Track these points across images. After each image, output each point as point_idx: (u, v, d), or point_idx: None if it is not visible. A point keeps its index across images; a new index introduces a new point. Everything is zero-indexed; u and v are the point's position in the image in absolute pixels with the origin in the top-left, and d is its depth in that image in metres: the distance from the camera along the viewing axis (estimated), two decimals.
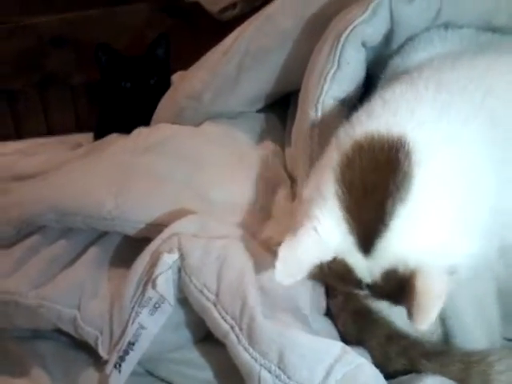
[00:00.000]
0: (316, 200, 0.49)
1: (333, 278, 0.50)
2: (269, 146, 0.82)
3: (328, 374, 0.50)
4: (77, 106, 1.43)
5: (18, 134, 1.41)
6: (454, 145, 0.49)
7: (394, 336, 0.58)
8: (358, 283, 0.49)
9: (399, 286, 0.47)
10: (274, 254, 0.54)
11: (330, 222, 0.48)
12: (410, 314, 0.45)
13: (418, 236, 0.46)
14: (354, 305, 0.60)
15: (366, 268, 0.48)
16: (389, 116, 0.50)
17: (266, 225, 0.69)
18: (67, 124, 1.42)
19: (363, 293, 0.51)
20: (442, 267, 0.45)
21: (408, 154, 0.46)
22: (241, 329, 0.54)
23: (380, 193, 0.46)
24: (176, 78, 1.12)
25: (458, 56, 0.59)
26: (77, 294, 0.66)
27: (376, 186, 0.46)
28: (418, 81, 0.54)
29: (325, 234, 0.48)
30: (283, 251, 0.48)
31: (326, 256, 0.48)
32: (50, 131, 1.42)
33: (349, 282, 0.50)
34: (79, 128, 1.40)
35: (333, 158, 0.50)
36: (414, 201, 0.46)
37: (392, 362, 0.57)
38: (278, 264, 0.48)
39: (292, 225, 0.51)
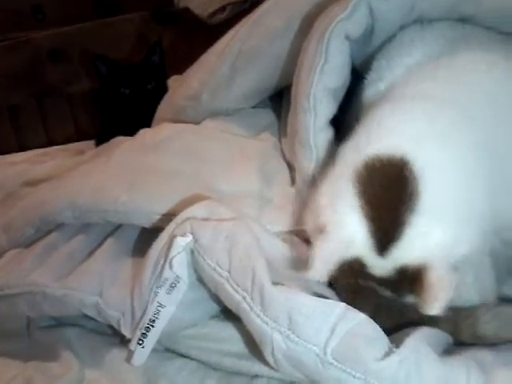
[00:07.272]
0: (339, 209, 0.57)
1: (349, 275, 0.58)
2: (266, 137, 0.87)
3: (332, 331, 0.54)
4: (75, 115, 1.45)
5: (20, 147, 1.43)
6: (447, 151, 0.57)
7: (383, 305, 0.61)
8: (370, 278, 0.57)
9: (409, 281, 0.54)
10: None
11: (353, 228, 0.56)
12: (424, 303, 0.53)
13: (428, 239, 0.54)
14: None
15: (380, 266, 0.56)
16: (387, 138, 0.58)
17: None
18: (66, 133, 1.44)
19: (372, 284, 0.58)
20: (448, 264, 0.53)
21: (411, 172, 0.55)
22: (252, 298, 0.58)
23: (394, 206, 0.54)
24: (171, 82, 1.17)
25: (436, 62, 0.67)
26: (97, 281, 0.70)
27: (390, 200, 0.55)
28: (405, 96, 0.63)
29: (349, 237, 0.56)
30: (316, 251, 0.56)
31: (349, 256, 0.56)
32: (51, 142, 1.44)
33: (362, 277, 0.57)
34: (78, 137, 1.42)
35: (345, 173, 0.58)
36: (422, 210, 0.54)
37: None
38: (316, 262, 0.55)
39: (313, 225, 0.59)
